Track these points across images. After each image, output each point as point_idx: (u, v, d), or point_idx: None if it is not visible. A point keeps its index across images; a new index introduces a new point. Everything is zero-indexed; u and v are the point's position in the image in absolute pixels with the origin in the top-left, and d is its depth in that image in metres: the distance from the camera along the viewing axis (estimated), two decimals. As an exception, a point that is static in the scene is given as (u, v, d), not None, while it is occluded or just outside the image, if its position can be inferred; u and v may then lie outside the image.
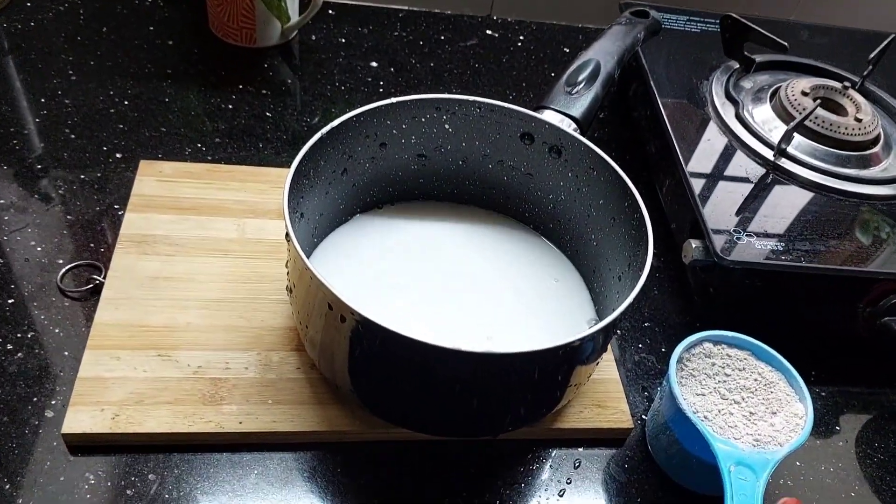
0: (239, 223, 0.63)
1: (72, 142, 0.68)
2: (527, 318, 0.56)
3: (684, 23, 0.83)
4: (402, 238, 0.61)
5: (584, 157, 0.57)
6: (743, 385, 0.53)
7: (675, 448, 0.53)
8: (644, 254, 0.50)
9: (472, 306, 0.56)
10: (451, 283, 0.56)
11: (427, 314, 0.54)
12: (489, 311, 0.56)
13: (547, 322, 0.56)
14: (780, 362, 0.54)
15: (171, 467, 0.50)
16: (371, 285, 0.56)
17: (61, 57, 0.76)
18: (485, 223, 0.64)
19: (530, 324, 0.56)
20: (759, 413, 0.52)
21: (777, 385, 0.53)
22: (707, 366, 0.53)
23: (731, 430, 0.50)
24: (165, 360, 0.53)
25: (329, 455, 0.52)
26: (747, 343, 0.55)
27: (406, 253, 0.59)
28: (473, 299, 0.57)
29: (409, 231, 0.62)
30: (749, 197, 0.64)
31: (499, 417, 0.52)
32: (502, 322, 0.55)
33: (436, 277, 0.57)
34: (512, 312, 0.56)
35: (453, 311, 0.54)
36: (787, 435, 0.50)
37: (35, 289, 0.57)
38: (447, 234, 0.62)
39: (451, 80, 0.84)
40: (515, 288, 0.58)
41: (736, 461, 0.48)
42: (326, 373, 0.53)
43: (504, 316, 0.56)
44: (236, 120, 0.74)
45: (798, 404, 0.52)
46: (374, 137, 0.58)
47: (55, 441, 0.49)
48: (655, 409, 0.55)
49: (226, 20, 0.80)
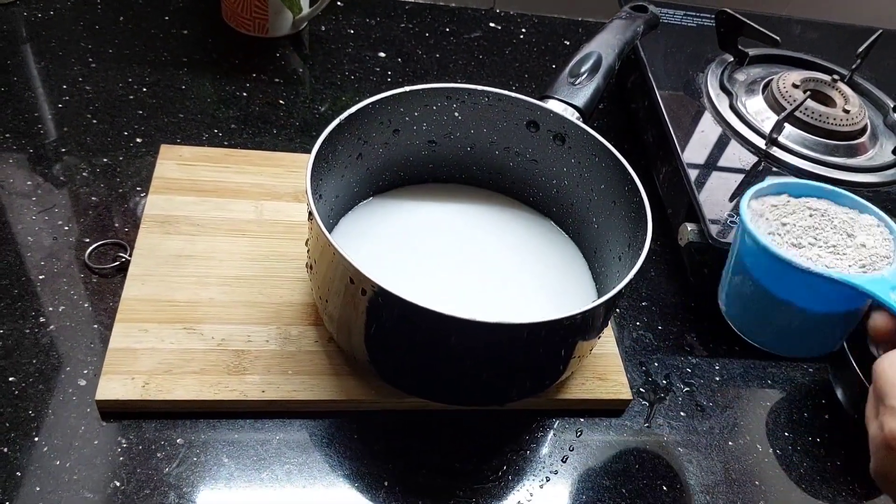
0: (256, 205, 0.66)
1: (93, 127, 0.71)
2: (532, 294, 0.59)
3: (681, 17, 0.86)
4: (414, 219, 0.64)
5: (587, 144, 0.60)
6: (803, 225, 0.48)
7: (765, 301, 0.47)
8: (643, 235, 0.54)
9: (481, 282, 0.59)
10: (461, 261, 0.59)
11: (439, 289, 0.57)
12: (496, 286, 0.59)
13: (550, 298, 0.59)
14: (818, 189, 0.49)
15: (198, 432, 0.53)
16: (386, 263, 0.59)
17: (80, 45, 0.79)
18: (491, 205, 0.67)
19: (536, 299, 0.60)
20: (839, 242, 0.47)
21: (829, 210, 0.49)
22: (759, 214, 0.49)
23: (837, 260, 0.45)
24: (191, 333, 0.56)
25: (346, 422, 0.55)
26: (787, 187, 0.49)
27: (417, 233, 0.62)
28: (481, 276, 0.60)
29: (420, 212, 0.65)
30: (742, 183, 0.67)
31: (506, 387, 0.55)
32: (509, 297, 0.58)
33: (446, 255, 0.60)
34: (518, 288, 0.59)
35: (463, 286, 0.57)
36: (885, 246, 0.45)
37: (63, 266, 0.60)
38: (456, 215, 0.64)
39: (455, 70, 0.87)
40: (521, 265, 0.62)
41: (891, 287, 0.43)
42: (344, 345, 0.56)
43: (511, 291, 0.59)
44: (250, 107, 0.77)
45: (862, 216, 0.48)
46: (387, 124, 0.61)
47: (88, 408, 0.52)
48: (732, 268, 0.50)
49: (239, 11, 0.83)
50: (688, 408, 0.61)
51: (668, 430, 0.59)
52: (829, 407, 0.63)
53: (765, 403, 0.63)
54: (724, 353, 0.66)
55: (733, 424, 0.61)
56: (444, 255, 0.60)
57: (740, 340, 0.66)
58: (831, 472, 0.59)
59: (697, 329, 0.67)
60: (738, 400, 0.62)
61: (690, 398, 0.62)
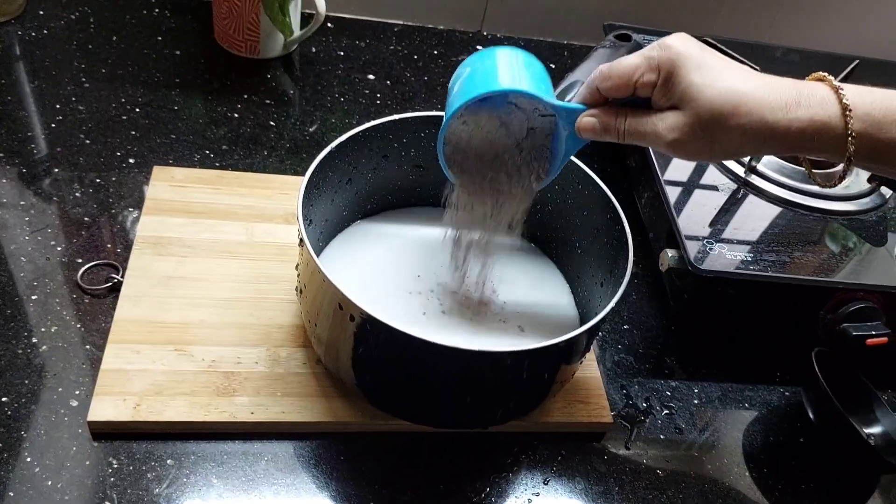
0: (247, 227, 0.67)
1: (87, 147, 0.72)
2: (516, 318, 0.61)
3: (665, 44, 0.88)
4: (401, 241, 0.65)
5: (570, 172, 0.62)
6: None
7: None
8: (625, 263, 0.55)
9: (466, 306, 0.61)
10: (446, 285, 0.60)
11: (425, 312, 0.59)
12: (481, 311, 0.60)
13: (534, 322, 0.61)
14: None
15: (188, 454, 0.54)
16: (374, 286, 0.61)
17: (74, 64, 0.80)
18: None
19: (520, 323, 0.61)
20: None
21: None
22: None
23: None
24: (181, 355, 0.57)
25: (333, 444, 0.56)
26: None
27: (405, 256, 0.63)
28: (467, 300, 0.61)
29: (407, 235, 0.66)
30: (721, 210, 0.69)
31: (490, 411, 0.56)
32: (494, 321, 0.60)
33: (431, 279, 0.61)
34: (503, 312, 0.61)
35: (449, 310, 0.59)
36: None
37: (56, 286, 0.61)
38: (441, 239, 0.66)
39: (443, 92, 0.88)
40: (506, 289, 0.63)
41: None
42: (332, 367, 0.57)
43: (495, 315, 0.60)
44: (241, 128, 0.78)
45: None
46: (377, 150, 0.63)
47: (80, 428, 0.53)
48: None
49: (231, 32, 0.84)
50: (667, 430, 0.63)
51: (648, 453, 0.61)
52: (803, 429, 0.65)
53: (741, 426, 0.64)
54: (703, 376, 0.67)
55: (711, 446, 0.62)
56: (429, 277, 0.61)
57: (719, 364, 0.69)
58: (806, 494, 0.61)
59: (678, 353, 0.69)
60: (716, 422, 0.64)
61: (670, 420, 0.63)
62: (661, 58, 0.46)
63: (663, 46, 0.46)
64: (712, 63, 0.46)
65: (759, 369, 0.69)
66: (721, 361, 0.69)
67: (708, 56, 0.46)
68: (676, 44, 0.46)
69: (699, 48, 0.46)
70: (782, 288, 0.65)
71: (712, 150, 0.46)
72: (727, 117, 0.44)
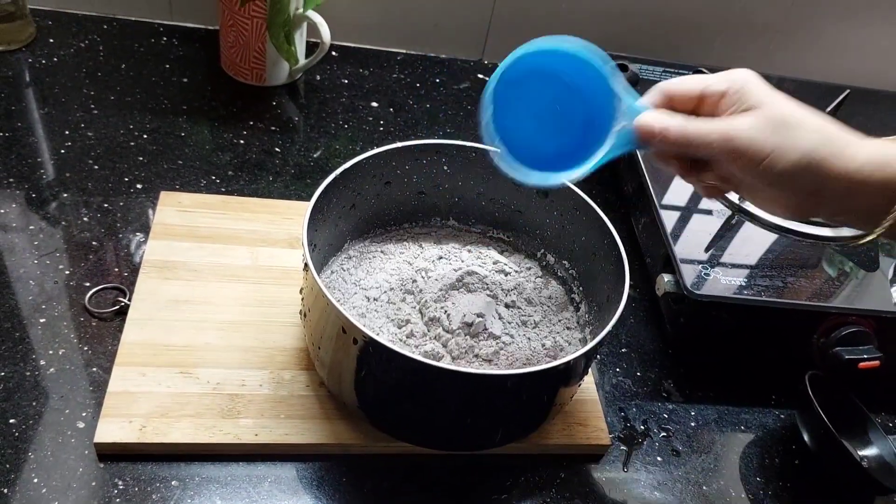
0: (252, 251, 0.68)
1: (95, 172, 0.74)
2: (518, 338, 0.62)
3: (660, 74, 0.90)
4: (404, 259, 0.66)
5: (569, 198, 0.64)
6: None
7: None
8: (621, 287, 0.56)
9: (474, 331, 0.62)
10: (458, 307, 0.61)
11: (428, 335, 0.60)
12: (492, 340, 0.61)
13: (535, 343, 0.62)
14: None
15: (193, 475, 0.55)
16: (389, 297, 0.62)
17: (83, 91, 0.82)
18: (479, 246, 0.70)
19: (521, 344, 0.62)
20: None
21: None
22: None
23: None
24: (187, 377, 0.58)
25: (335, 465, 0.57)
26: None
27: (408, 274, 0.64)
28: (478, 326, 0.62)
29: (411, 252, 0.67)
30: (716, 236, 0.71)
31: (490, 433, 0.57)
32: (505, 350, 0.61)
33: (433, 300, 0.63)
34: (505, 333, 0.62)
35: (456, 333, 0.60)
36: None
37: (64, 309, 0.62)
38: (442, 258, 0.67)
39: (445, 120, 0.91)
40: (508, 309, 0.64)
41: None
42: (334, 390, 0.58)
43: (497, 336, 0.61)
44: (247, 154, 0.80)
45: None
46: (380, 177, 0.64)
47: (86, 450, 0.54)
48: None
49: (238, 60, 0.86)
50: (664, 453, 0.64)
51: (645, 475, 0.62)
52: (798, 452, 0.66)
53: (738, 448, 0.65)
54: (700, 399, 0.68)
55: (708, 469, 0.63)
56: (442, 297, 0.62)
57: (716, 387, 0.70)
58: (801, 517, 0.62)
59: (675, 375, 0.70)
60: (713, 445, 0.65)
61: (667, 443, 0.64)
62: (731, 74, 0.47)
63: (729, 70, 0.48)
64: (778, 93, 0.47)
65: (754, 392, 0.70)
66: (717, 384, 0.70)
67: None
68: (743, 69, 0.48)
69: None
70: (776, 312, 0.66)
71: (780, 152, 0.45)
72: (798, 122, 0.45)
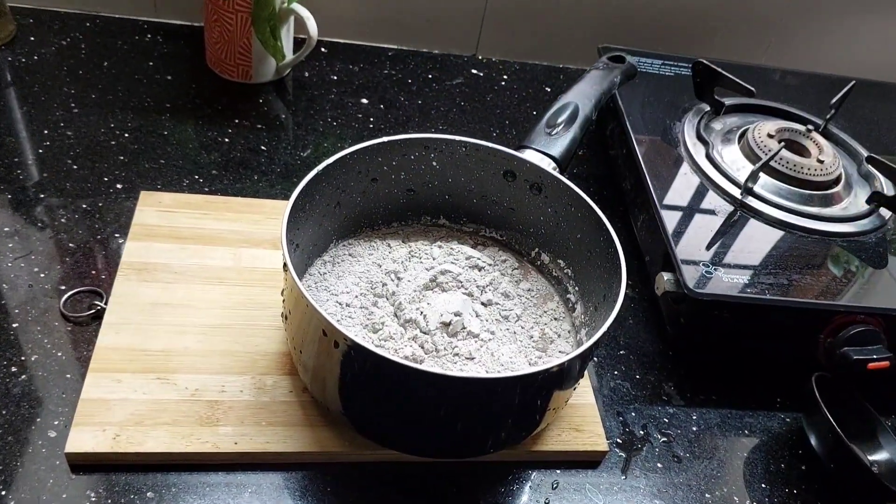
0: (235, 252, 0.66)
1: (74, 172, 0.71)
2: (509, 342, 0.59)
3: (659, 66, 0.87)
4: (390, 259, 0.64)
5: (563, 194, 0.61)
6: None
7: None
8: (618, 287, 0.54)
9: (452, 330, 0.59)
10: (434, 307, 0.59)
11: (414, 336, 0.57)
12: (471, 339, 0.59)
13: (527, 346, 0.59)
14: None
15: (169, 486, 0.52)
16: (361, 301, 0.59)
17: (63, 90, 0.79)
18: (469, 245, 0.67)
19: (513, 347, 0.59)
20: None
21: None
22: None
23: None
24: (164, 383, 0.56)
25: (319, 475, 0.55)
26: None
27: (394, 274, 0.62)
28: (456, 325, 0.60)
29: (398, 252, 0.64)
30: (718, 233, 0.68)
31: (481, 440, 0.55)
32: (486, 345, 0.58)
33: (408, 301, 0.60)
34: (495, 335, 0.59)
35: (433, 333, 0.57)
36: None
37: (38, 313, 0.60)
38: (436, 257, 0.64)
39: (437, 117, 0.88)
40: (499, 312, 0.61)
41: None
42: (318, 396, 0.56)
43: (488, 339, 0.59)
44: (232, 153, 0.77)
45: None
46: (366, 173, 0.62)
47: (58, 460, 0.52)
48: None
49: (223, 57, 0.84)
50: (665, 458, 0.61)
51: (645, 482, 0.59)
52: (805, 457, 0.63)
53: (742, 454, 0.63)
54: (702, 402, 0.66)
55: (711, 475, 0.60)
56: (417, 298, 0.60)
57: (718, 389, 0.67)
58: (809, 525, 0.59)
59: (675, 378, 0.67)
60: (716, 450, 0.62)
61: (667, 449, 0.62)
62: None
63: None
64: None
65: (758, 395, 0.67)
66: (720, 387, 0.67)
67: None
68: None
69: None
70: (781, 311, 0.64)
71: None
72: None
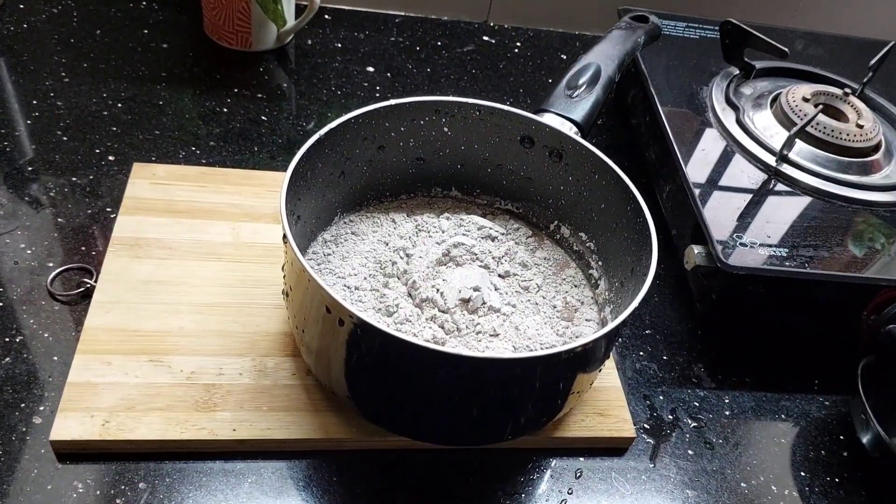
0: (233, 227, 0.62)
1: (64, 144, 0.67)
2: (529, 321, 0.55)
3: (683, 29, 0.82)
4: (399, 233, 0.59)
5: (586, 160, 0.56)
6: None
7: None
8: (647, 260, 0.50)
9: (472, 306, 0.55)
10: (451, 283, 0.54)
11: (425, 315, 0.53)
12: (493, 314, 0.54)
13: (548, 325, 0.55)
14: None
15: (163, 475, 0.48)
16: (370, 283, 0.55)
17: (54, 59, 0.75)
18: (484, 218, 0.63)
19: (532, 327, 0.55)
20: None
21: None
22: None
23: None
24: (157, 366, 0.52)
25: (325, 463, 0.51)
26: None
27: (403, 249, 0.57)
28: (473, 300, 0.56)
29: (407, 226, 0.60)
30: (751, 202, 0.63)
31: (498, 426, 0.50)
32: (503, 324, 0.54)
33: (434, 276, 0.56)
34: (513, 314, 0.55)
35: (453, 311, 0.53)
36: None
37: (24, 292, 0.56)
38: (446, 231, 0.60)
39: (447, 85, 0.84)
40: (517, 289, 0.57)
41: None
42: (322, 379, 0.52)
43: (505, 318, 0.55)
44: (231, 123, 0.73)
45: None
46: (371, 140, 0.57)
47: (43, 448, 0.48)
48: None
49: (221, 23, 0.79)
50: (696, 445, 0.57)
51: (675, 471, 0.55)
52: (848, 443, 0.59)
53: (779, 440, 0.58)
54: (735, 384, 0.61)
55: (746, 463, 0.56)
56: (431, 275, 0.56)
57: (751, 371, 0.63)
58: (852, 515, 0.55)
59: (705, 359, 0.62)
60: (751, 436, 0.58)
61: (699, 435, 0.57)
62: None
63: None
64: None
65: (795, 377, 0.63)
66: (753, 368, 0.63)
67: None
68: None
69: None
70: (820, 286, 0.59)
71: None
72: None
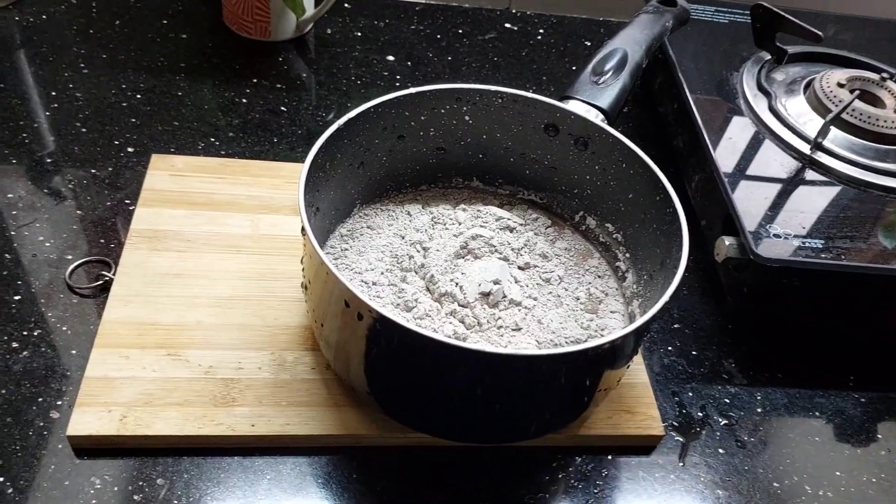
0: (252, 219, 0.61)
1: (83, 136, 0.67)
2: (554, 316, 0.53)
3: (712, 13, 0.80)
4: (420, 224, 0.58)
5: (613, 149, 0.55)
6: None
7: None
8: (678, 252, 0.48)
9: (493, 300, 0.53)
10: (470, 277, 0.53)
11: (447, 309, 0.52)
12: (514, 307, 0.53)
13: (574, 320, 0.53)
14: None
15: (181, 472, 0.48)
16: (388, 278, 0.54)
17: (73, 50, 0.75)
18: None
19: (558, 321, 0.54)
20: None
21: None
22: None
23: None
24: (175, 360, 0.51)
25: (344, 460, 0.50)
26: None
27: (425, 242, 0.56)
28: (497, 294, 0.54)
29: (427, 217, 0.59)
30: (784, 192, 0.61)
31: (522, 423, 0.49)
32: (530, 314, 0.52)
33: (455, 269, 0.54)
34: (538, 309, 0.53)
35: (473, 305, 0.52)
36: None
37: (43, 285, 0.55)
38: (467, 223, 0.59)
39: (469, 73, 0.82)
40: (539, 276, 0.56)
41: None
42: (342, 374, 0.51)
43: (529, 312, 0.53)
44: (250, 114, 0.72)
45: None
46: (391, 129, 0.56)
47: (60, 443, 0.47)
48: None
49: (240, 13, 0.78)
50: (727, 443, 0.55)
51: (706, 470, 0.53)
52: (886, 442, 0.57)
53: (813, 438, 0.56)
54: (767, 381, 0.59)
55: (778, 463, 0.54)
56: (449, 269, 0.54)
57: (784, 367, 0.60)
58: (891, 517, 0.53)
59: (736, 354, 0.60)
60: (784, 435, 0.56)
61: (730, 433, 0.55)
62: None
63: None
64: None
65: (829, 373, 0.61)
66: (786, 364, 0.61)
67: None
68: None
69: None
70: (857, 279, 0.57)
71: None
72: None
